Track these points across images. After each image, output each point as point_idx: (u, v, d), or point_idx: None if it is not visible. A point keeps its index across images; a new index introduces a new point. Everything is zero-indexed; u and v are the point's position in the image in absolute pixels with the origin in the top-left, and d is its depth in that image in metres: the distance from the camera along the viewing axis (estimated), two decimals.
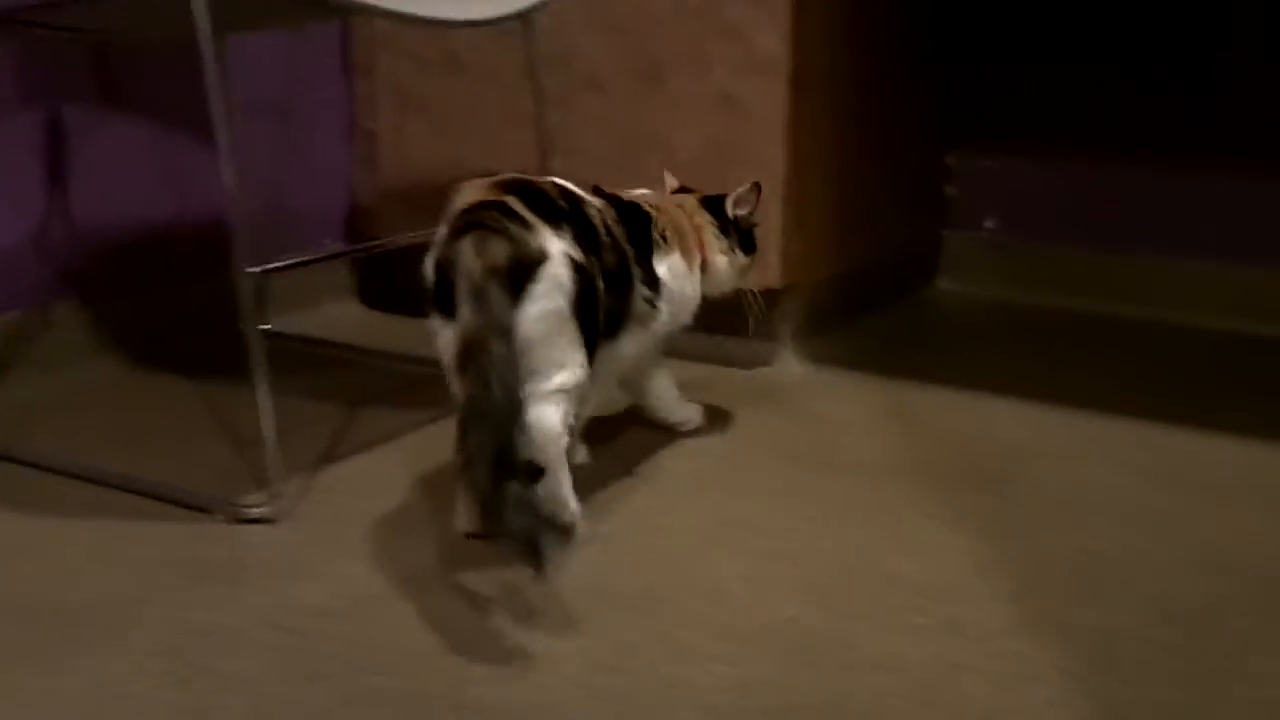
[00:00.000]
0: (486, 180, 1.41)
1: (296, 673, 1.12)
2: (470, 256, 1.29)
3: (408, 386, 1.96)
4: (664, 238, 1.57)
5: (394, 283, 2.38)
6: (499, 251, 1.30)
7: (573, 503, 1.39)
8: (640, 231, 1.54)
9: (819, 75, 2.05)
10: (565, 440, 1.39)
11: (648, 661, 1.14)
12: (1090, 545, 1.41)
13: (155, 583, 1.29)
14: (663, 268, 1.56)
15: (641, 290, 1.51)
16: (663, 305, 1.55)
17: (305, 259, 1.56)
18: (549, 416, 1.36)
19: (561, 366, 1.36)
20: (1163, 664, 1.16)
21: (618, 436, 1.70)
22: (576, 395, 1.40)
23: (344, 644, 1.17)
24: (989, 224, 2.62)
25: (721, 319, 1.72)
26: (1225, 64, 2.35)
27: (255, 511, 1.42)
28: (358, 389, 1.92)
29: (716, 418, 1.79)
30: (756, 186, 1.68)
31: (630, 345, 1.53)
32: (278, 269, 1.48)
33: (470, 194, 1.38)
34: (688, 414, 1.76)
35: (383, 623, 1.21)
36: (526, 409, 1.31)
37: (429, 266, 1.35)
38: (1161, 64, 2.40)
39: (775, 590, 1.29)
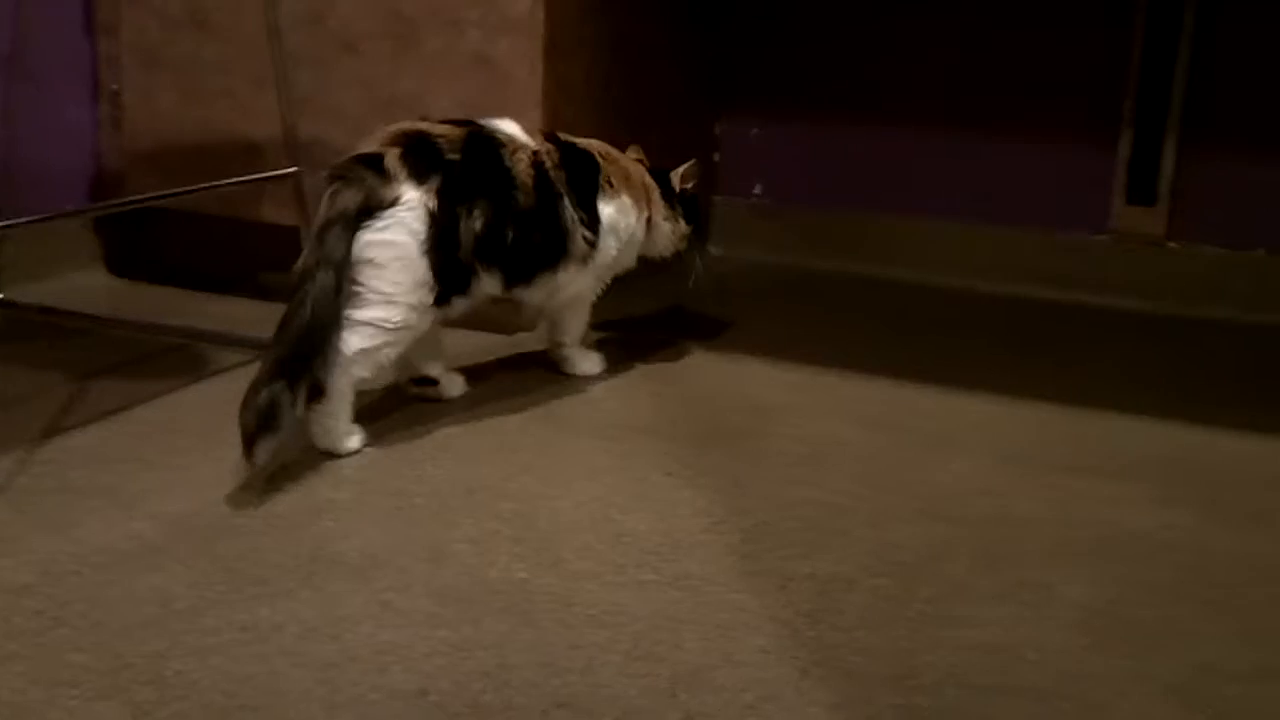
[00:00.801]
0: (393, 128, 1.55)
1: None
2: (325, 204, 1.46)
3: (148, 356, 1.88)
4: (610, 183, 1.71)
5: (142, 249, 2.28)
6: (349, 200, 1.46)
7: (347, 440, 1.50)
8: (586, 176, 1.68)
9: (575, 38, 2.04)
10: (363, 374, 1.50)
11: (363, 628, 1.12)
12: (819, 498, 1.44)
13: None
14: (610, 208, 1.70)
15: (580, 230, 1.65)
16: (610, 241, 1.71)
17: (20, 220, 1.48)
18: (349, 341, 1.46)
19: (388, 301, 1.47)
20: (877, 610, 1.19)
21: (368, 403, 1.67)
22: (402, 337, 1.51)
23: (41, 622, 1.12)
24: (756, 190, 2.66)
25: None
26: (979, 30, 2.43)
27: None
28: (95, 359, 1.83)
29: (475, 383, 1.77)
30: (698, 163, 1.87)
31: (566, 280, 1.68)
32: None
33: (364, 144, 1.54)
34: (454, 383, 1.74)
35: (84, 598, 1.16)
36: (338, 334, 1.45)
37: None
38: (919, 31, 2.47)
39: (503, 552, 1.29)
